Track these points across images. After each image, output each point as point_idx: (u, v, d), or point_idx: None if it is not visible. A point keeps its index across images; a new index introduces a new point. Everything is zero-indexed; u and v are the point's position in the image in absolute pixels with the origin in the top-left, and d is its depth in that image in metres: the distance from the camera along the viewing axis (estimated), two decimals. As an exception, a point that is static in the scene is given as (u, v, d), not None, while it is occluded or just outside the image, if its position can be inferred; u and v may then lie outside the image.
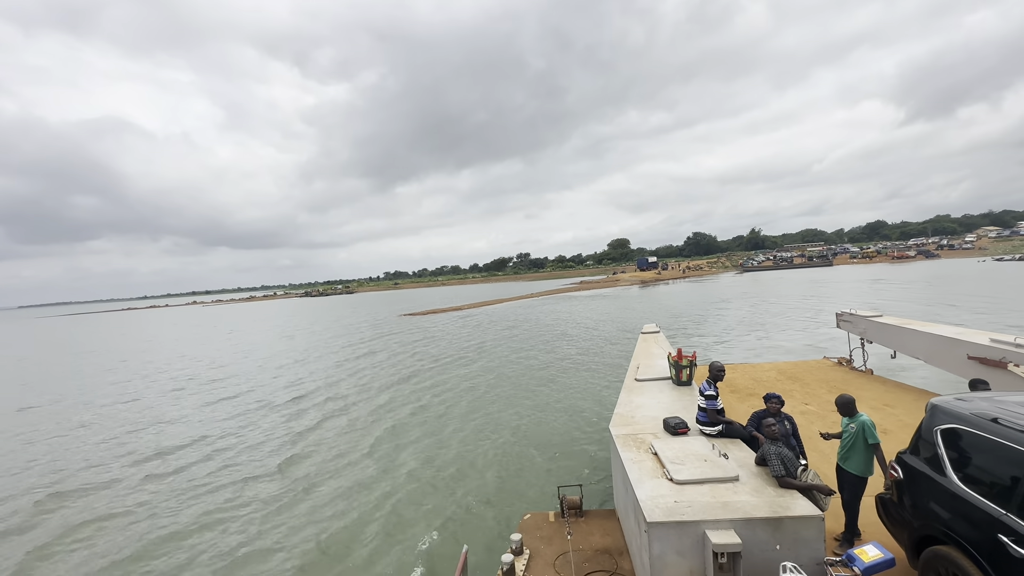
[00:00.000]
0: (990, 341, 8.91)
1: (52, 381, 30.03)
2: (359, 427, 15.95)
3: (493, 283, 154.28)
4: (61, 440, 16.89)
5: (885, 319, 12.41)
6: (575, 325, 38.43)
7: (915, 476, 4.53)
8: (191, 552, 9.13)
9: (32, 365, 39.43)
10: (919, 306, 33.14)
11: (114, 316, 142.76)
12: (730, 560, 4.26)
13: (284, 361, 31.49)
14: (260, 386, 23.68)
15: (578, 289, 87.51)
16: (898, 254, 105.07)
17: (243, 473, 12.59)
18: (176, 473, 13.00)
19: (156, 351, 43.04)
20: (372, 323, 54.70)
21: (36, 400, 24.20)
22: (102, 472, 13.52)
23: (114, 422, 18.78)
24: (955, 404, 4.46)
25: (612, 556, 5.79)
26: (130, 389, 25.29)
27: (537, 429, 14.21)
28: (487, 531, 9.06)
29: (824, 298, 43.44)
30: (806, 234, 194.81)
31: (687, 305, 47.64)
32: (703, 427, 6.45)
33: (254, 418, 17.82)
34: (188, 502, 11.17)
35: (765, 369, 13.42)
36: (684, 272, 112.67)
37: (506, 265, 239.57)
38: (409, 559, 8.43)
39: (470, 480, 11.35)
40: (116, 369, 33.21)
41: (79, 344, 56.54)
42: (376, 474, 12.10)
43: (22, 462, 14.85)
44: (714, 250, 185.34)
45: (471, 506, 10.12)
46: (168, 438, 16.03)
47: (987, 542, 3.65)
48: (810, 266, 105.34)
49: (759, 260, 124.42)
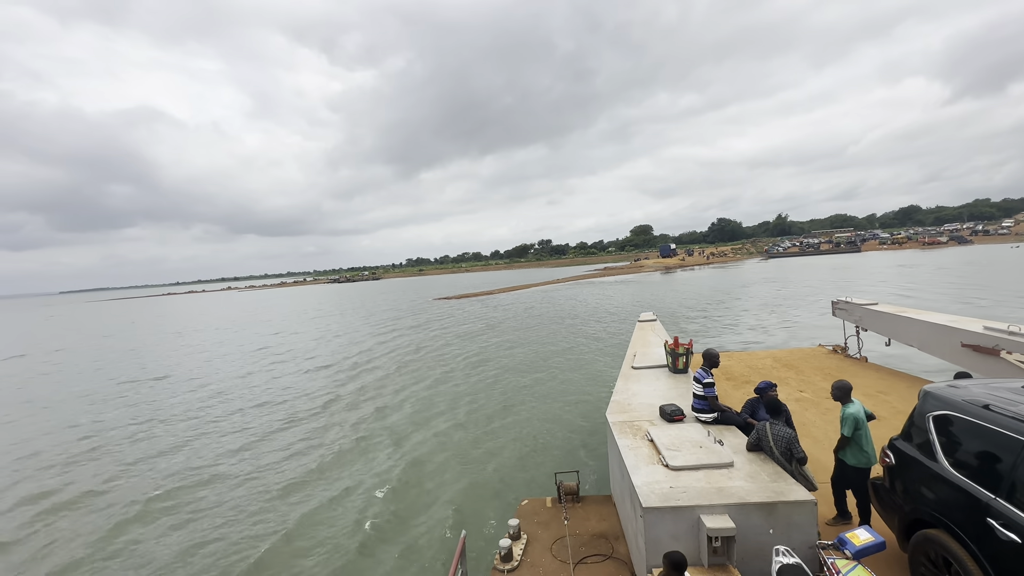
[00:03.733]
0: (983, 328, 8.97)
1: (175, 358, 31.26)
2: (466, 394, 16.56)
3: (516, 270, 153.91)
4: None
5: (880, 307, 12.48)
6: (617, 308, 39.87)
7: (907, 461, 4.59)
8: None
9: (141, 346, 39.80)
10: (930, 294, 32.47)
11: (162, 300, 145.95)
12: (724, 544, 4.34)
13: (375, 336, 34.41)
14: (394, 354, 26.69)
15: (603, 275, 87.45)
16: (929, 240, 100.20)
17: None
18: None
19: (248, 331, 44.48)
20: (417, 306, 56.24)
21: (170, 371, 26.45)
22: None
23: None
24: (948, 391, 4.51)
25: (608, 541, 5.88)
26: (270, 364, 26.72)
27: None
28: (485, 516, 9.18)
29: (837, 285, 43.27)
30: (835, 220, 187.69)
31: (710, 291, 48.03)
32: (699, 414, 6.50)
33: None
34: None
35: (760, 357, 13.51)
36: (708, 259, 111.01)
37: (527, 252, 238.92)
38: (409, 543, 8.54)
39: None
40: (224, 344, 35.33)
41: (166, 326, 57.42)
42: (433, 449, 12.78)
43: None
44: (739, 236, 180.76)
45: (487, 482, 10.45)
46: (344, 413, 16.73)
47: (976, 526, 3.73)
48: (837, 252, 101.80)
49: (785, 246, 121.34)
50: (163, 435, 15.33)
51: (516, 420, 14.29)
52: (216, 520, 9.83)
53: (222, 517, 9.93)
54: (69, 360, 33.90)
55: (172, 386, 22.62)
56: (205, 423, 16.26)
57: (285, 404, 17.89)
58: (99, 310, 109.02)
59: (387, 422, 15.15)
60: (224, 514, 10.06)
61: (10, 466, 13.77)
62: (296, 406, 17.51)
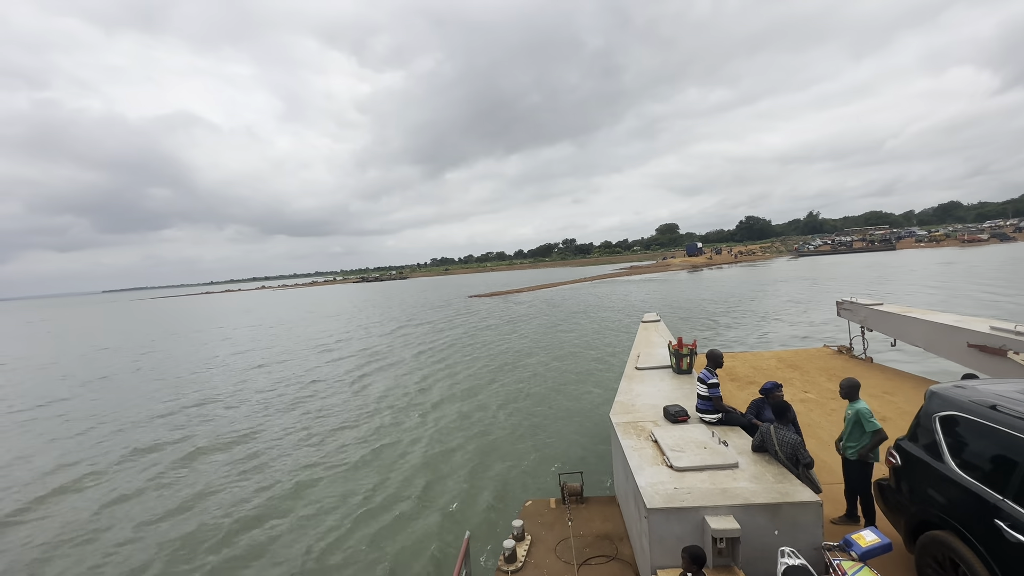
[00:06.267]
0: (990, 329, 8.89)
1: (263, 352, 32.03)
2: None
3: (540, 268, 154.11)
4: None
5: (885, 307, 12.41)
6: (649, 304, 40.47)
7: (913, 462, 4.57)
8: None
9: (220, 340, 40.89)
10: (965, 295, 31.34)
11: (203, 299, 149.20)
12: (729, 545, 4.32)
13: (431, 329, 36.19)
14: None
15: (629, 274, 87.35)
16: (969, 237, 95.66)
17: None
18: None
19: (305, 328, 44.94)
20: (458, 303, 57.32)
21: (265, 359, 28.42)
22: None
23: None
24: (954, 391, 4.47)
25: (612, 542, 5.86)
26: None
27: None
28: (489, 517, 9.18)
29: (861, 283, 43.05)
30: (870, 217, 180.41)
31: (742, 289, 48.09)
32: (703, 415, 6.48)
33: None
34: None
35: (765, 357, 13.46)
36: (736, 257, 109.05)
37: (552, 251, 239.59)
38: (411, 544, 8.55)
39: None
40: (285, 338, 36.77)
41: (224, 322, 58.49)
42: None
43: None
44: (768, 234, 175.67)
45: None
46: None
47: (983, 527, 3.70)
48: (871, 250, 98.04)
49: (816, 244, 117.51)
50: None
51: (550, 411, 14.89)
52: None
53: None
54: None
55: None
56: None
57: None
58: (155, 307, 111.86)
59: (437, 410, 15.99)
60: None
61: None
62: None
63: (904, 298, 30.03)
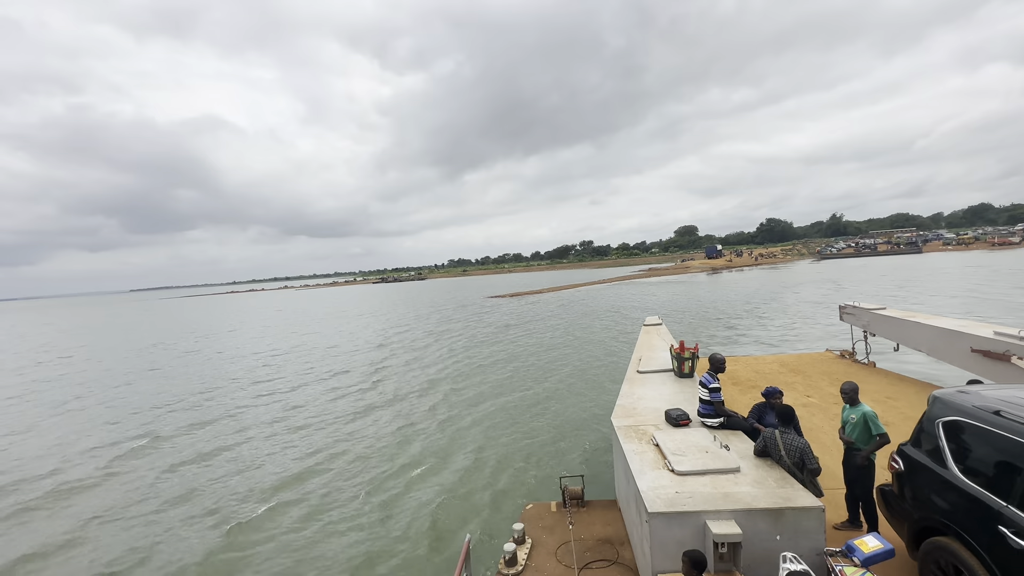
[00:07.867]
0: (994, 334, 8.83)
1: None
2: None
3: (558, 270, 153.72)
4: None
5: (888, 311, 12.36)
6: (682, 305, 40.87)
7: (916, 468, 4.54)
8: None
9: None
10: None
11: (230, 299, 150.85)
12: (730, 550, 4.30)
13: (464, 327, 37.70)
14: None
15: (648, 276, 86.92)
16: (999, 240, 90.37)
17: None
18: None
19: (344, 325, 46.09)
20: (480, 303, 58.33)
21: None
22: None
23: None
24: (958, 396, 4.45)
25: (613, 546, 5.84)
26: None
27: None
28: (489, 520, 9.16)
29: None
30: (896, 219, 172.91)
31: (766, 290, 47.97)
32: (705, 419, 6.46)
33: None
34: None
35: (767, 361, 13.42)
36: (756, 260, 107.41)
37: (569, 253, 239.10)
38: (412, 546, 8.53)
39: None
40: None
41: (264, 322, 59.09)
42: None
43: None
44: (789, 237, 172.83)
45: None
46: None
47: (987, 533, 3.67)
48: (896, 253, 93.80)
49: (839, 247, 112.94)
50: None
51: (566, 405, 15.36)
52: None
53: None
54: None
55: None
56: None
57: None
58: (189, 306, 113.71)
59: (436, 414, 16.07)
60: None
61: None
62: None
63: (946, 302, 29.15)
